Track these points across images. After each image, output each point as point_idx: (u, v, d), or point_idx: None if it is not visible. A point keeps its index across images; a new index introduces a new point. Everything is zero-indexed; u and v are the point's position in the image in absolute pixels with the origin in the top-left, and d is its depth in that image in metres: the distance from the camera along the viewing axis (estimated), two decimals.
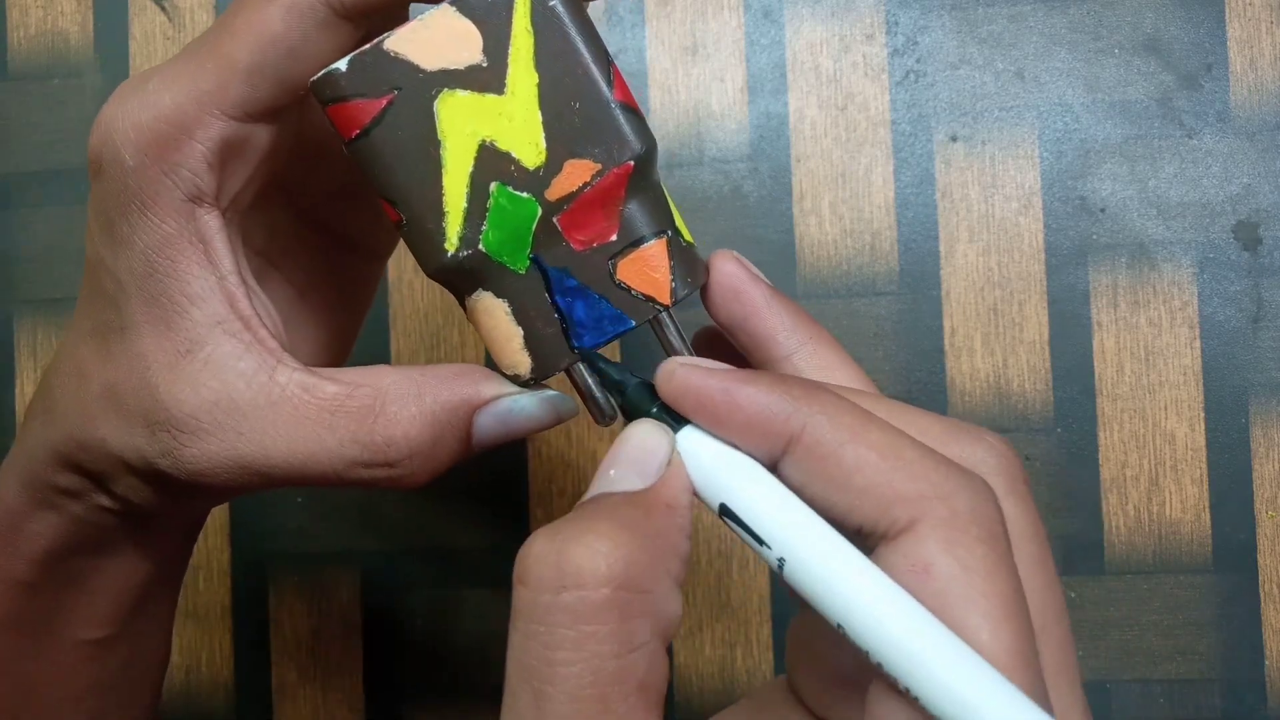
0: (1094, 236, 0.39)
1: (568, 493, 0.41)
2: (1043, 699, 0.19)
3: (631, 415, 0.23)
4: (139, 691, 0.32)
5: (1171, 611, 0.39)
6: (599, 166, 0.23)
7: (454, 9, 0.23)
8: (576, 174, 0.23)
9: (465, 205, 0.23)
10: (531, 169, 0.23)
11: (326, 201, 0.29)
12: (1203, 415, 0.39)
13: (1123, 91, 0.39)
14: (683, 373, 0.22)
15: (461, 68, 0.23)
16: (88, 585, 0.29)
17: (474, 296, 0.25)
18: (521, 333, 0.24)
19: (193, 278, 0.24)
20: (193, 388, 0.24)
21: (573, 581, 0.19)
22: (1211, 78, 0.39)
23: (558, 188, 0.23)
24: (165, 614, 0.32)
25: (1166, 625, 0.39)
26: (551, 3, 0.23)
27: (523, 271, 0.24)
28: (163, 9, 0.43)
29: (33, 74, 0.44)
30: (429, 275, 0.24)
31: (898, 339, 0.40)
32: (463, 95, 0.23)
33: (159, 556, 0.30)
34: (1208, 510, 0.39)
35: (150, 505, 0.26)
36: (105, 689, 0.30)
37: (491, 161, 0.23)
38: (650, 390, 0.23)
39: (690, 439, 0.22)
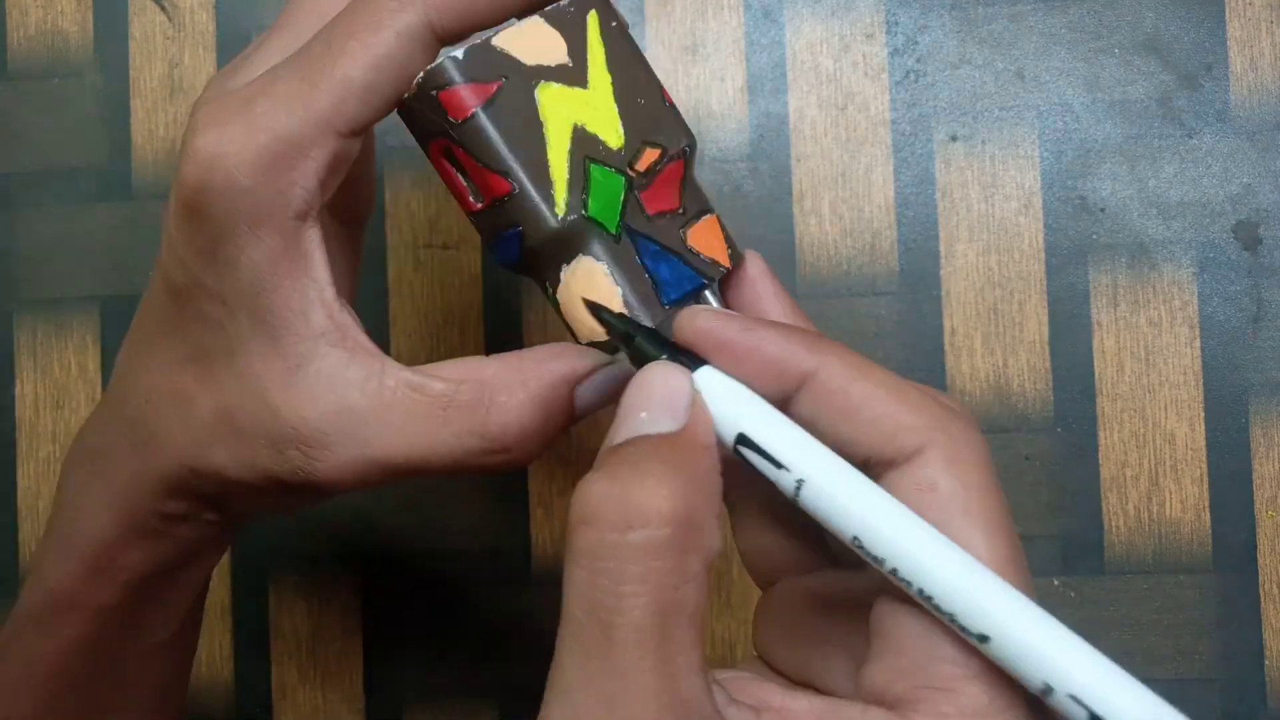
0: (1094, 236, 0.39)
1: (567, 493, 0.41)
2: (1032, 596, 0.21)
3: (640, 361, 0.24)
4: (180, 686, 0.33)
5: (1171, 611, 0.39)
6: (662, 151, 0.28)
7: (542, 19, 0.27)
8: (648, 157, 0.27)
9: (568, 176, 0.26)
10: (615, 149, 0.27)
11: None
12: (1203, 415, 0.39)
13: (1123, 91, 0.39)
14: (705, 316, 0.24)
15: (553, 65, 0.27)
16: (164, 597, 0.30)
17: (573, 263, 0.27)
18: (620, 290, 0.27)
19: (296, 292, 0.25)
20: (312, 402, 0.25)
21: (639, 521, 0.20)
22: (1211, 78, 0.39)
23: (638, 165, 0.27)
24: (202, 607, 0.33)
25: (1166, 625, 0.39)
26: (613, 23, 0.28)
27: (616, 234, 0.27)
28: (163, 9, 0.43)
29: (33, 74, 0.44)
30: (532, 245, 0.27)
31: (898, 339, 0.40)
32: (556, 87, 0.26)
33: (220, 555, 0.31)
34: (1208, 510, 0.39)
35: (266, 510, 0.27)
36: (160, 688, 0.31)
37: (584, 142, 0.27)
38: (657, 338, 0.25)
39: (706, 378, 0.23)
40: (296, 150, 0.24)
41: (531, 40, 0.26)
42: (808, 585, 0.26)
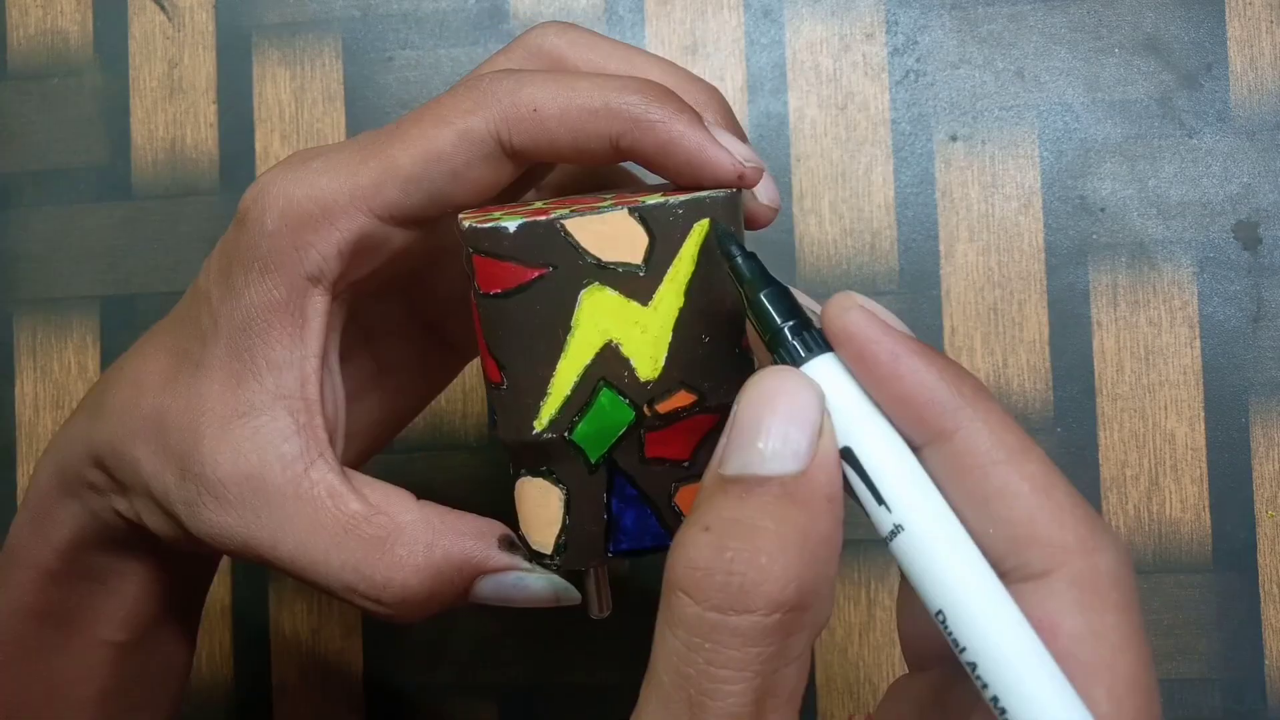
0: (1094, 236, 0.39)
1: None
2: None
3: (758, 320, 0.21)
4: (158, 700, 0.32)
5: (1171, 611, 0.39)
6: (698, 399, 0.24)
7: (632, 217, 0.23)
8: (678, 400, 0.24)
9: (569, 394, 0.23)
10: (642, 380, 0.24)
11: (438, 302, 0.30)
12: (1203, 415, 0.39)
13: (1123, 91, 0.39)
14: (859, 315, 0.20)
15: (618, 267, 0.23)
16: (109, 583, 0.30)
17: (533, 476, 0.25)
18: (566, 522, 0.25)
19: (279, 346, 0.25)
20: (232, 455, 0.24)
21: (743, 605, 0.18)
22: (1211, 77, 0.39)
23: (659, 406, 0.24)
24: (186, 628, 0.33)
25: (1166, 625, 0.39)
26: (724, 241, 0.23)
27: (594, 464, 0.24)
28: (163, 9, 0.43)
29: (33, 74, 0.44)
30: (503, 442, 0.25)
31: None
32: (610, 294, 0.23)
33: (178, 571, 0.30)
34: (1208, 510, 0.39)
35: (158, 531, 0.27)
36: (124, 694, 0.31)
37: (609, 362, 0.23)
38: (785, 301, 0.21)
39: (827, 370, 0.20)
40: (324, 214, 0.24)
41: (608, 232, 0.23)
42: (930, 680, 0.23)
